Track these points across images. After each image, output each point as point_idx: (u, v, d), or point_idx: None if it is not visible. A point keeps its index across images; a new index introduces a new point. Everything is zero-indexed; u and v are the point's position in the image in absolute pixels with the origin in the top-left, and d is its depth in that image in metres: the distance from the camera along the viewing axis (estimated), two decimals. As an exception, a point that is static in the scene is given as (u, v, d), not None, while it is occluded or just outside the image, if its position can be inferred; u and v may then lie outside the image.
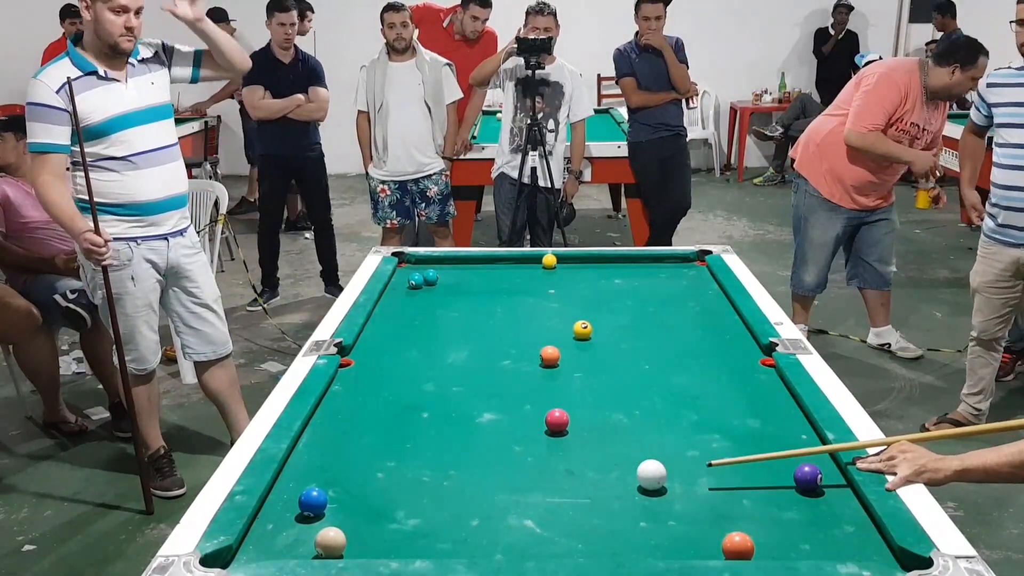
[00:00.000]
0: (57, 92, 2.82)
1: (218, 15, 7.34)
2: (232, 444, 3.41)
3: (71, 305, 3.61)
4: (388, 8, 4.66)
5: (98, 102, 2.88)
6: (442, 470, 1.78)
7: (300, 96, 4.99)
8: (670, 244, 5.01)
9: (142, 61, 3.03)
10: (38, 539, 3.04)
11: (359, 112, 4.79)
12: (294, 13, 5.00)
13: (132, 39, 2.88)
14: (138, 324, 3.11)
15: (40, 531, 3.08)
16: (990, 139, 3.62)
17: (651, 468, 1.69)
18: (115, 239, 2.93)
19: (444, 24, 5.58)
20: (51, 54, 5.75)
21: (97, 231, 2.83)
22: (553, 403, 2.00)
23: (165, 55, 3.10)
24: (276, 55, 5.03)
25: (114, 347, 3.14)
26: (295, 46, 5.06)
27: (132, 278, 3.03)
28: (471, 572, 1.40)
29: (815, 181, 4.17)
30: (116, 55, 2.90)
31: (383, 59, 4.70)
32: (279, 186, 5.32)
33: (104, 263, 2.88)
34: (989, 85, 3.44)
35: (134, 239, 3.01)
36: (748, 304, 2.64)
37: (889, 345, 4.45)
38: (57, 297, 3.61)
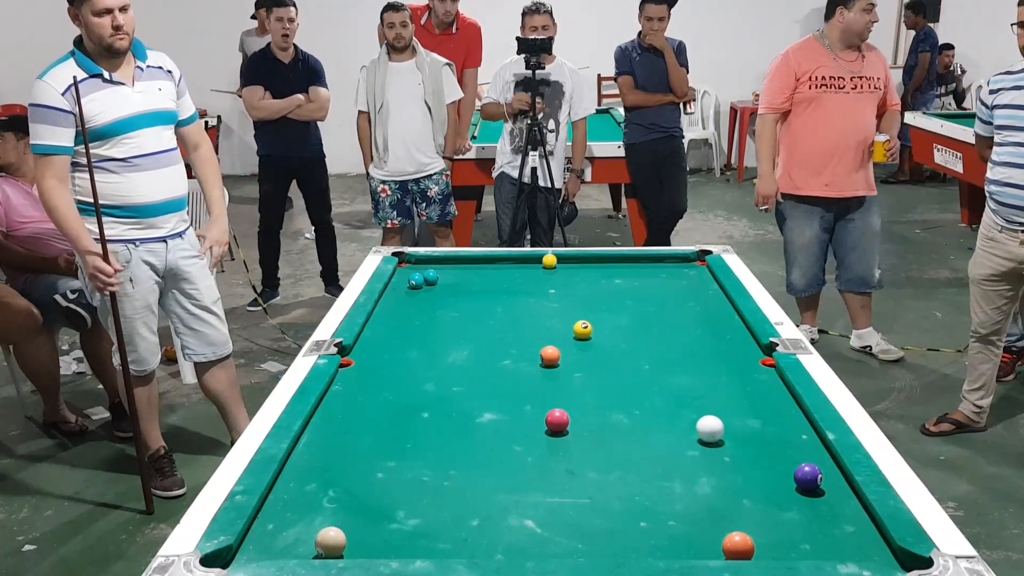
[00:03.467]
0: (63, 93, 2.81)
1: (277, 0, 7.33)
2: (232, 444, 3.43)
3: (71, 305, 3.61)
4: (388, 8, 4.66)
5: (103, 104, 2.88)
6: (442, 470, 1.78)
7: (300, 96, 4.99)
8: (668, 245, 5.01)
9: (153, 67, 3.03)
10: (38, 539, 3.04)
11: (359, 112, 4.78)
12: (292, 9, 4.99)
13: (124, 36, 2.87)
14: (137, 326, 3.11)
15: (40, 531, 3.08)
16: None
17: (710, 423, 1.86)
18: (113, 241, 2.93)
19: (422, 22, 5.59)
20: None
21: (106, 258, 2.83)
22: (553, 403, 2.00)
23: (176, 83, 3.12)
24: (276, 55, 5.03)
25: (114, 348, 3.15)
26: (295, 45, 5.06)
27: (130, 280, 3.03)
28: (471, 572, 1.40)
29: (783, 184, 4.25)
30: (112, 55, 2.90)
31: (383, 59, 4.70)
32: (279, 187, 5.32)
33: (107, 292, 2.87)
34: (991, 91, 3.46)
35: (132, 241, 3.01)
36: (748, 304, 2.64)
37: (870, 348, 4.45)
38: (57, 297, 3.61)
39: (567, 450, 1.88)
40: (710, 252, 3.19)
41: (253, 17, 7.47)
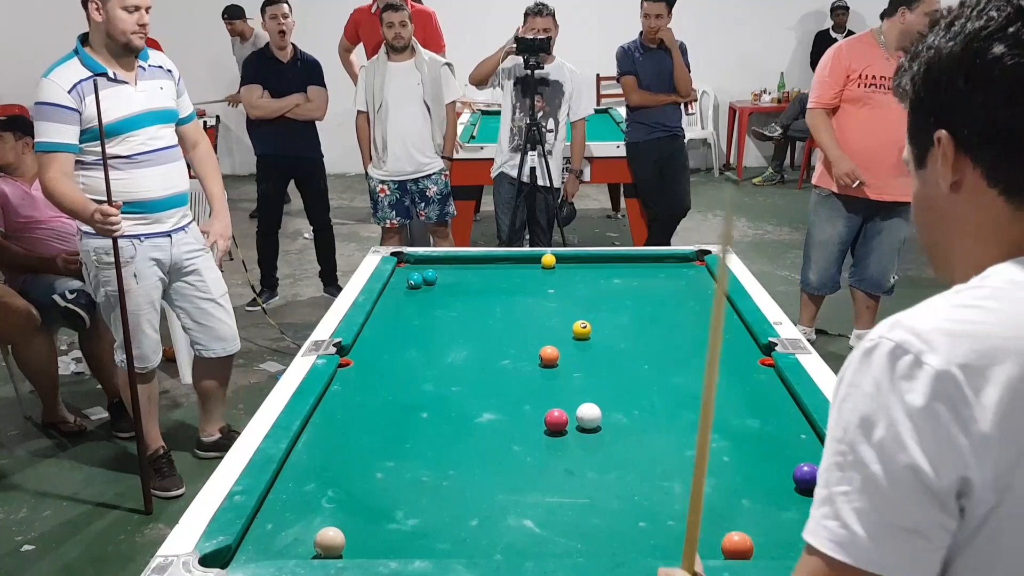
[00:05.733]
0: (69, 92, 2.85)
1: (235, 12, 7.37)
2: (200, 440, 3.49)
3: (70, 305, 3.61)
4: (387, 8, 4.66)
5: (107, 103, 2.90)
6: (441, 470, 1.78)
7: (298, 96, 4.99)
8: (669, 245, 5.01)
9: (154, 67, 3.09)
10: (37, 539, 3.04)
11: (358, 112, 4.78)
12: (284, 5, 5.00)
13: (143, 36, 2.95)
14: (140, 322, 3.12)
15: (39, 531, 3.08)
16: None
17: (589, 410, 1.93)
18: (119, 236, 2.94)
19: (372, 10, 5.62)
20: None
21: (110, 201, 2.83)
22: (552, 403, 2.00)
23: (176, 83, 3.18)
24: (274, 54, 5.03)
25: (116, 345, 3.17)
26: (293, 45, 5.06)
27: (135, 275, 3.06)
28: (470, 572, 1.40)
29: (822, 179, 4.19)
30: (127, 53, 2.96)
31: (383, 59, 4.70)
32: (277, 186, 5.31)
33: (116, 232, 2.86)
34: None
35: (137, 236, 3.04)
36: (747, 304, 2.64)
37: None
38: (56, 297, 3.61)
39: (566, 450, 1.88)
40: (709, 252, 3.19)
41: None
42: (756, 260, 5.66)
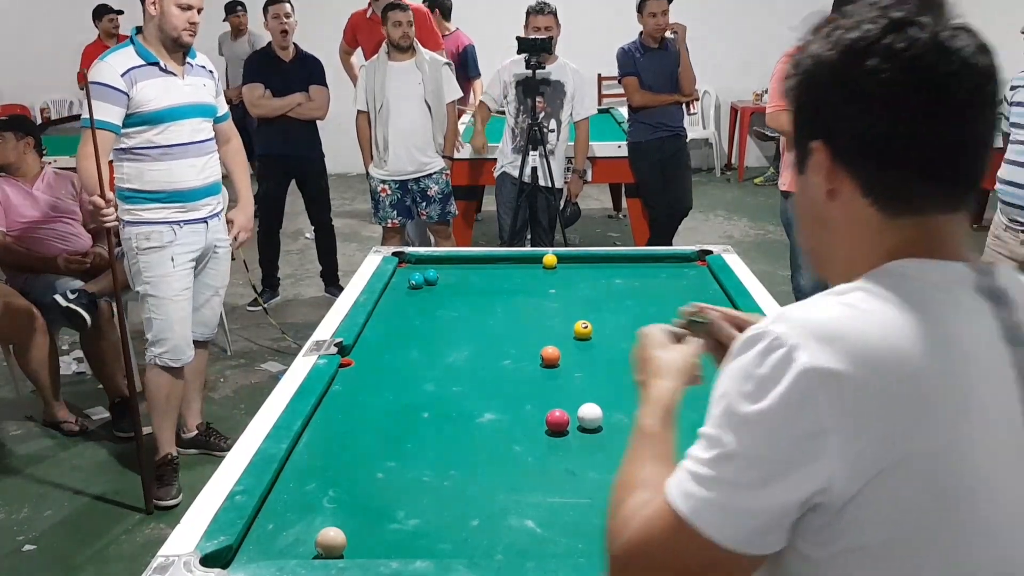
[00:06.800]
0: (122, 76, 2.99)
1: (239, 6, 7.41)
2: (179, 435, 3.52)
3: (71, 305, 3.61)
4: (392, 7, 4.65)
5: (156, 91, 3.06)
6: (442, 470, 1.78)
7: (300, 95, 4.99)
8: (671, 244, 5.01)
9: (199, 66, 3.24)
10: (38, 539, 3.04)
11: (359, 112, 4.78)
12: (287, 5, 5.01)
13: (193, 34, 3.08)
14: (175, 310, 3.15)
15: (40, 531, 3.08)
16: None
17: (590, 410, 1.93)
18: (159, 223, 3.09)
19: (368, 15, 5.61)
20: (90, 54, 5.85)
21: (103, 194, 2.94)
22: (553, 403, 1.99)
23: (215, 83, 3.33)
24: (276, 53, 5.03)
25: (147, 344, 3.20)
26: (295, 44, 5.06)
27: (172, 259, 3.14)
28: (471, 572, 1.40)
29: (792, 184, 4.17)
30: (177, 48, 3.10)
31: (383, 58, 4.70)
32: (278, 186, 5.31)
33: (106, 223, 2.99)
34: (1012, 88, 3.46)
35: (177, 222, 3.14)
36: (749, 304, 2.63)
37: None
38: (57, 297, 3.60)
39: (567, 450, 1.88)
40: (710, 252, 3.18)
41: (226, 20, 7.52)
42: (758, 260, 5.65)
